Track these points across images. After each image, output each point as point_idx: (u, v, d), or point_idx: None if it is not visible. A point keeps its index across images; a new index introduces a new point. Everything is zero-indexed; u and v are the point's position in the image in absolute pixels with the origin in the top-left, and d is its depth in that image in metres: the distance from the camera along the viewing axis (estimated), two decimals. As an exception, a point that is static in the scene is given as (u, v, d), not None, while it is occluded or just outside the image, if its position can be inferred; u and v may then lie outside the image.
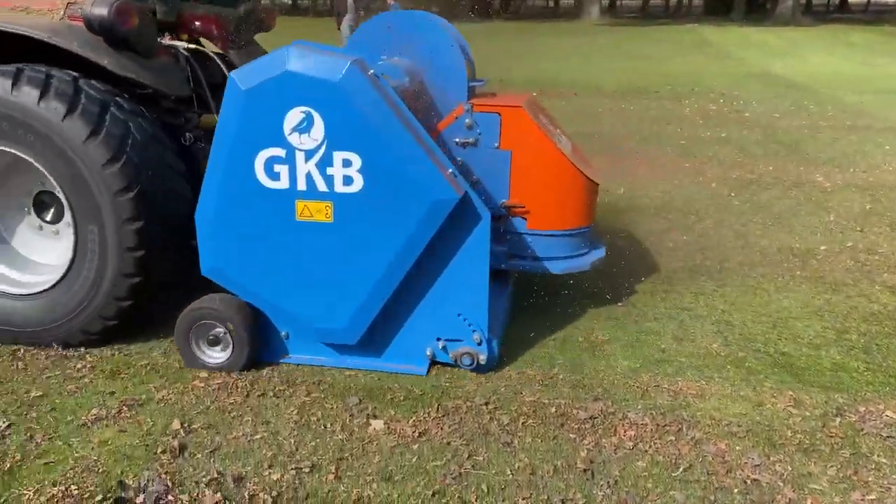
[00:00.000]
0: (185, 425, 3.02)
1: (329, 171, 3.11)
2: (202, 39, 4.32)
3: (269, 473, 2.72)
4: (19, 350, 3.62)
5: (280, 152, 3.11)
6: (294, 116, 3.05)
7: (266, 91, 3.05)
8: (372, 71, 3.09)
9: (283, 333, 3.51)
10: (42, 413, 3.11)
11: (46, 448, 2.86)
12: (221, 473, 2.71)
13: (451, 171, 3.17)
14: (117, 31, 3.46)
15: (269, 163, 3.13)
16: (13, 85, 3.30)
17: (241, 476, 2.70)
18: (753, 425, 3.06)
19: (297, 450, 2.87)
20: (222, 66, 3.87)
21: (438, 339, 3.41)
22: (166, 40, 3.92)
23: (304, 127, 3.06)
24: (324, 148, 3.08)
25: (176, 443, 2.89)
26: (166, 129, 3.75)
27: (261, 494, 2.61)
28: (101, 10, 3.39)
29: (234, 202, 3.21)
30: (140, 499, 2.58)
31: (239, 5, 4.56)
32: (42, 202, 3.81)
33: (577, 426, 3.03)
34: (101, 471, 2.72)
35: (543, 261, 3.83)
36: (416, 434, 2.97)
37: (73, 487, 2.62)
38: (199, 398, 3.23)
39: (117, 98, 3.47)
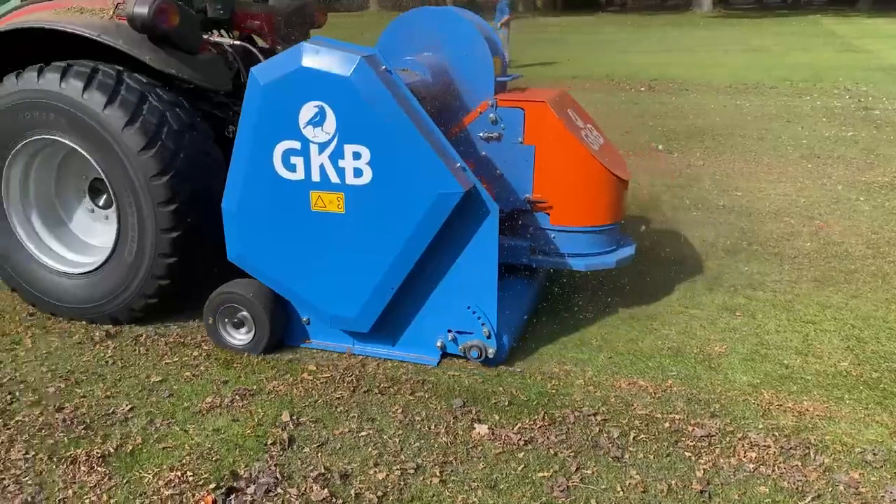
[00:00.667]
0: (294, 418, 3.07)
1: (341, 163, 3.20)
2: (252, 35, 4.63)
3: (375, 472, 2.72)
4: (142, 335, 3.80)
5: (296, 145, 3.23)
6: (308, 110, 3.16)
7: (282, 86, 3.17)
8: (384, 66, 3.16)
9: (304, 319, 3.62)
10: (161, 398, 3.24)
11: (165, 433, 2.98)
12: (328, 469, 2.73)
13: (459, 164, 3.19)
14: (158, 29, 3.64)
15: (286, 155, 3.25)
16: (61, 78, 3.59)
17: (347, 473, 2.71)
18: (891, 454, 2.81)
19: (401, 450, 2.86)
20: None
21: (449, 331, 3.44)
22: (214, 37, 4.11)
23: (318, 120, 3.17)
24: (335, 141, 3.18)
25: (285, 435, 2.94)
26: (211, 121, 3.93)
27: (366, 493, 2.61)
28: (142, 10, 3.57)
29: (254, 192, 3.35)
30: (251, 489, 2.63)
31: (290, 3, 4.75)
32: (97, 189, 4.10)
33: (692, 444, 2.87)
34: (214, 459, 2.80)
35: (567, 257, 3.83)
36: (522, 442, 2.89)
37: (188, 474, 2.71)
38: (307, 391, 3.28)
39: (157, 90, 3.68)
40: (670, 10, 37.11)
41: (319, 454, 2.84)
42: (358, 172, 3.19)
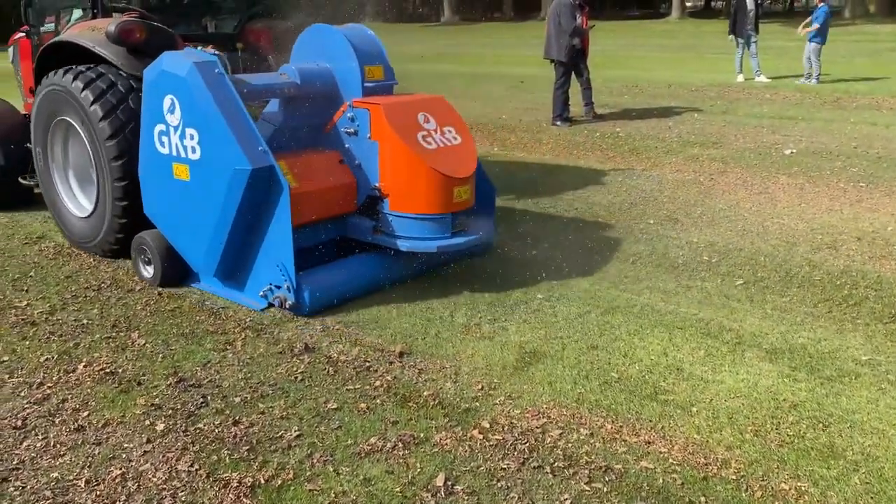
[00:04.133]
0: (449, 483, 2.72)
1: (185, 142, 4.19)
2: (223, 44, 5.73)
3: (516, 579, 2.27)
4: (333, 355, 3.74)
5: (163, 127, 4.31)
6: (167, 101, 4.24)
7: (155, 83, 4.31)
8: (217, 70, 4.12)
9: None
10: (329, 430, 3.10)
11: (318, 472, 2.81)
12: (464, 560, 2.35)
13: (261, 149, 4.00)
14: (128, 43, 4.83)
15: (160, 135, 4.35)
16: (73, 79, 4.90)
17: (483, 571, 2.30)
18: None
19: (556, 555, 2.37)
20: (228, 65, 4.60)
21: (269, 284, 4.21)
22: (198, 48, 4.72)
23: (172, 109, 4.23)
24: (181, 125, 4.19)
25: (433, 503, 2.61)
26: None
27: None
28: (111, 28, 4.78)
29: (148, 162, 4.51)
30: (374, 565, 2.34)
31: (289, 22, 5.92)
32: None
33: None
34: (352, 515, 2.57)
35: (396, 239, 4.44)
36: (711, 584, 2.23)
37: (320, 528, 2.50)
38: (472, 452, 2.92)
39: (140, 93, 4.66)
40: None
41: (461, 537, 2.46)
42: (193, 150, 4.16)
